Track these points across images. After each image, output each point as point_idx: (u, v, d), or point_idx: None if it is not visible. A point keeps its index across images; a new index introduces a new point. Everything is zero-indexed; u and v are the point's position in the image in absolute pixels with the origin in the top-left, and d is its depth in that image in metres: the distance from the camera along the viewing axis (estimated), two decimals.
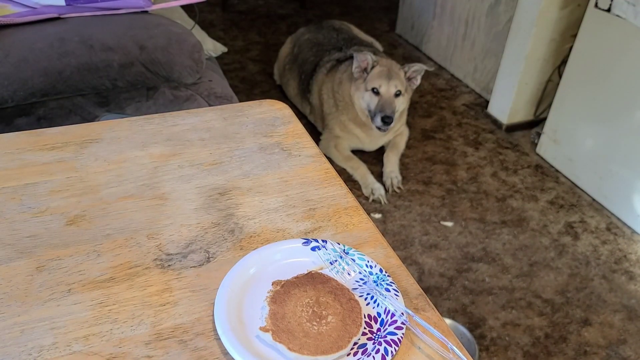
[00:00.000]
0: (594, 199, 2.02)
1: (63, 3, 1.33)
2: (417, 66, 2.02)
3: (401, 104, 2.03)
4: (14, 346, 0.47)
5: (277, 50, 2.76)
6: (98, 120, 0.97)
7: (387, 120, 1.94)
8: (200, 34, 1.73)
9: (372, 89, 1.98)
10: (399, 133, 2.23)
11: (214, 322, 0.50)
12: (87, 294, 0.52)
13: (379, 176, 2.10)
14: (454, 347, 0.48)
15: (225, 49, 1.84)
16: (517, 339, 1.49)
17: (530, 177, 2.14)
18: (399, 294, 0.52)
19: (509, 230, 1.87)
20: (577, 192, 2.07)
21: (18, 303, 0.51)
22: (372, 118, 1.99)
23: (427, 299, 0.55)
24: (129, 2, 1.37)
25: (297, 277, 0.53)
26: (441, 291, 1.63)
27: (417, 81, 2.07)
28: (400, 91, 1.99)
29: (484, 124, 2.46)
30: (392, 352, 0.47)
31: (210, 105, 1.40)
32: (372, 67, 1.99)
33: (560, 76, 2.16)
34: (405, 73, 2.02)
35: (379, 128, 1.99)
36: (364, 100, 2.01)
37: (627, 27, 1.73)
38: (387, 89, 1.96)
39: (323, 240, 0.58)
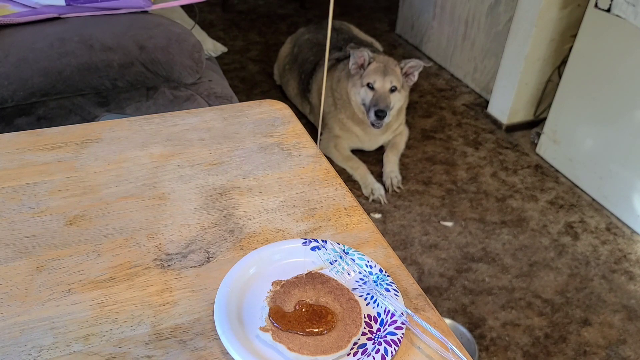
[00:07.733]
0: (593, 199, 2.02)
1: (63, 3, 1.33)
2: (414, 62, 2.02)
3: (397, 100, 2.02)
4: (14, 346, 0.47)
5: (277, 50, 2.76)
6: (98, 120, 0.97)
7: (380, 115, 1.94)
8: (200, 34, 1.73)
9: (368, 84, 1.98)
10: (398, 133, 2.23)
11: (213, 322, 0.50)
12: (87, 294, 0.52)
13: (379, 176, 2.10)
14: (454, 347, 0.48)
15: (225, 49, 1.83)
16: (517, 339, 1.49)
17: (530, 177, 2.14)
18: (399, 294, 0.52)
19: (508, 230, 1.87)
20: (577, 192, 2.07)
21: (18, 303, 0.51)
22: (367, 113, 1.99)
23: (427, 299, 0.55)
24: (129, 2, 1.37)
25: (297, 277, 0.53)
26: (441, 291, 1.63)
27: (415, 77, 2.07)
28: (395, 87, 1.99)
29: (484, 124, 2.46)
30: (392, 352, 0.47)
31: (210, 105, 1.40)
32: (369, 64, 1.99)
33: (560, 76, 2.16)
34: (402, 69, 2.02)
35: (373, 124, 1.99)
36: (359, 96, 2.01)
37: (627, 27, 1.73)
38: (382, 84, 1.96)
39: (323, 240, 0.58)
